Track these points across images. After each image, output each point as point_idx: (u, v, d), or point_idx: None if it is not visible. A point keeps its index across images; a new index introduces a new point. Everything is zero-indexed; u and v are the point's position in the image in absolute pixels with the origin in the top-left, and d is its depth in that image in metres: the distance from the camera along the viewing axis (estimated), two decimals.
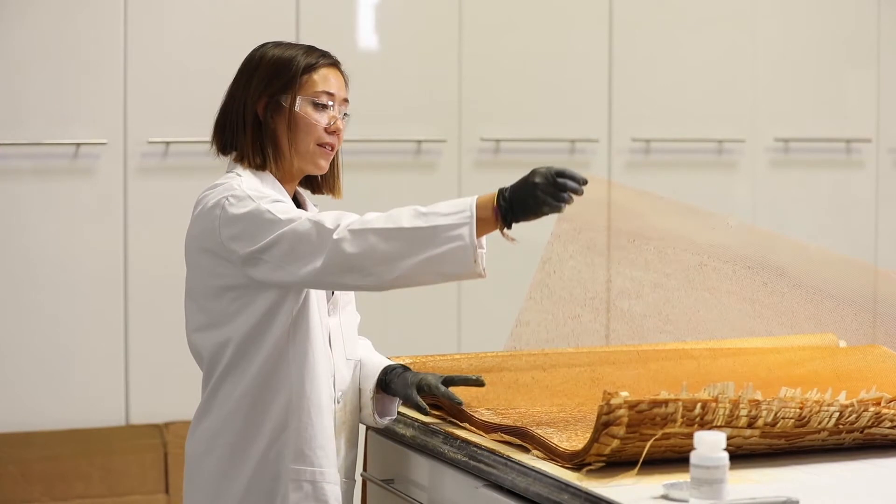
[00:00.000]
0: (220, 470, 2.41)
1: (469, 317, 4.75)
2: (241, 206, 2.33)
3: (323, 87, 2.48)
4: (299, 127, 2.46)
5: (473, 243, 2.19)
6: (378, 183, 4.67)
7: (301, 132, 2.46)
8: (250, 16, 4.50)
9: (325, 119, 2.48)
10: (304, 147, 2.47)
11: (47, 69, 4.30)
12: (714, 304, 2.83)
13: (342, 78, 2.53)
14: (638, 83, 5.04)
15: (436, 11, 4.80)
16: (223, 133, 2.50)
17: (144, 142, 4.41)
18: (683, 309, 2.81)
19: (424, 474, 2.57)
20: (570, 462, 2.17)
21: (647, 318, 2.80)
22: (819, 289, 2.81)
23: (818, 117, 5.31)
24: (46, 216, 4.33)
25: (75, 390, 4.35)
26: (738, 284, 2.83)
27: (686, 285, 2.80)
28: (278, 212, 2.30)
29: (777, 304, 2.81)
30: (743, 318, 2.83)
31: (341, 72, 2.54)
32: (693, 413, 2.11)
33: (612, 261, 2.70)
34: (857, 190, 5.37)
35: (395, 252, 2.21)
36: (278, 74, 2.47)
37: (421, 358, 2.78)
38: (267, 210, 2.30)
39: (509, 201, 2.20)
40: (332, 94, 2.49)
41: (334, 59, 2.54)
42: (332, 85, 2.49)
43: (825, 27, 5.32)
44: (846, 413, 2.24)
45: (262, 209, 2.30)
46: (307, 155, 2.47)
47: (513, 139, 4.86)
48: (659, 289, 2.79)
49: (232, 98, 2.50)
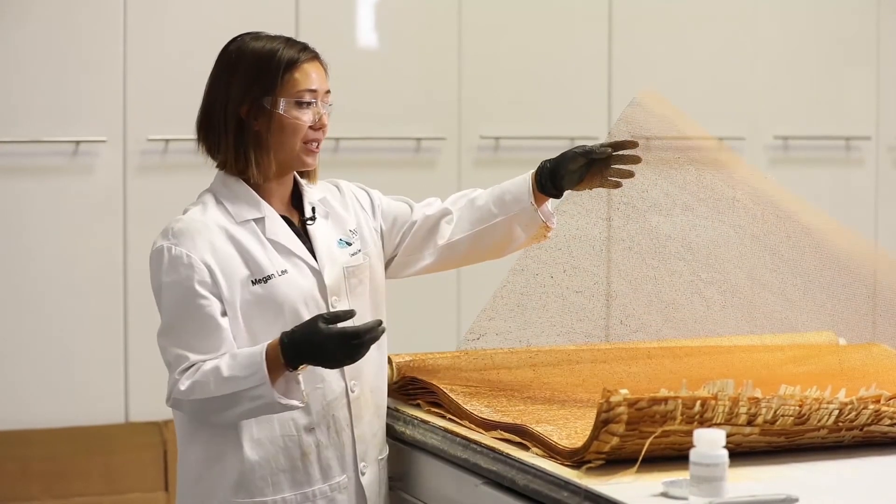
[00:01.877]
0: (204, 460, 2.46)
1: (469, 315, 4.75)
2: (165, 294, 2.40)
3: (305, 86, 2.45)
4: (284, 128, 2.44)
5: (273, 399, 2.30)
6: (378, 181, 4.62)
7: (287, 133, 2.44)
8: (250, 14, 4.49)
9: (310, 117, 2.45)
10: (289, 148, 2.45)
11: (47, 67, 4.30)
12: (736, 243, 2.81)
13: (323, 69, 2.49)
14: (638, 81, 5.03)
15: (435, 10, 4.80)
16: (207, 135, 2.48)
17: (144, 139, 4.41)
18: (706, 241, 2.80)
19: (424, 472, 2.57)
20: (569, 460, 2.17)
21: (671, 241, 2.78)
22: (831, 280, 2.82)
23: (818, 115, 5.31)
24: (46, 214, 4.33)
25: (75, 388, 4.35)
26: (763, 230, 2.81)
27: (714, 216, 2.79)
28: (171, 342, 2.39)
29: (796, 260, 2.79)
30: (760, 267, 2.82)
31: (322, 63, 2.50)
32: (693, 411, 2.10)
33: (654, 169, 2.70)
34: (856, 187, 5.37)
35: (216, 411, 2.35)
36: (259, 75, 2.44)
37: (420, 355, 2.79)
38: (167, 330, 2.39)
39: (298, 352, 2.30)
40: (315, 91, 2.46)
41: (314, 51, 2.50)
42: (315, 81, 2.46)
43: (825, 25, 5.32)
44: (846, 411, 2.24)
45: (170, 325, 2.39)
46: (294, 155, 2.46)
47: (512, 137, 4.86)
48: (688, 212, 2.78)
49: (213, 99, 2.47)
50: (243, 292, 2.39)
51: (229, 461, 2.41)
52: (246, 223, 2.45)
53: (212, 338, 2.36)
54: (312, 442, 2.45)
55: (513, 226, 2.61)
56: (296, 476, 2.44)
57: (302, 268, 2.46)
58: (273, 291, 2.41)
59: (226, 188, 2.47)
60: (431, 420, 2.58)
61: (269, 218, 2.46)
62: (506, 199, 2.62)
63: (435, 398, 2.65)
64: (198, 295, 2.36)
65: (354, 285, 2.52)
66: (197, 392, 2.33)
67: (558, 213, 2.69)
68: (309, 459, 2.45)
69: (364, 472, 2.52)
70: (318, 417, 2.45)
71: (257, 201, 2.46)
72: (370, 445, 2.53)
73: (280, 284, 2.41)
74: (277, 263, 2.43)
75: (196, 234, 2.40)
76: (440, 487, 2.51)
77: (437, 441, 2.50)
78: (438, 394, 2.64)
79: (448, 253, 2.65)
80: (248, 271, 2.40)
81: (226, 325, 2.37)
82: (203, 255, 2.38)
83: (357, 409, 2.50)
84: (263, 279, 2.41)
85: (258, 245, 2.43)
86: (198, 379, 2.33)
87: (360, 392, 2.51)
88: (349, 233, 2.56)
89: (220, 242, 2.41)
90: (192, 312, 2.37)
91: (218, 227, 2.42)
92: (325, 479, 2.47)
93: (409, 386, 2.73)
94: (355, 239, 2.56)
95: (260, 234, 2.44)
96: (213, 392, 2.32)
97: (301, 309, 2.42)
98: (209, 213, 2.44)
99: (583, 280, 2.75)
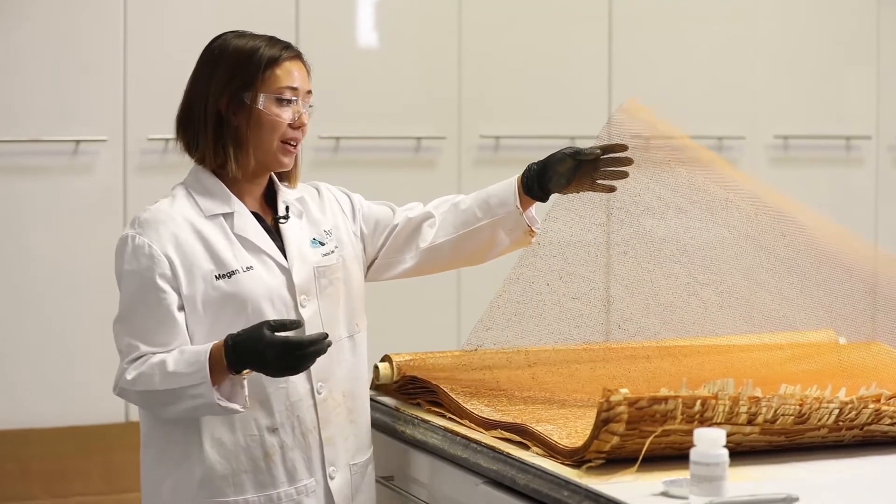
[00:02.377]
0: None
1: (469, 314, 4.74)
2: (125, 283, 2.42)
3: (286, 83, 2.44)
4: (263, 124, 2.43)
5: (213, 400, 2.30)
6: (378, 180, 4.66)
7: (265, 130, 2.43)
8: (250, 13, 4.49)
9: (290, 115, 2.44)
10: (267, 144, 2.44)
11: (47, 66, 4.30)
12: (731, 244, 2.81)
13: (305, 69, 2.49)
14: (638, 80, 5.03)
15: (435, 9, 4.79)
16: (186, 131, 2.48)
17: (144, 139, 4.40)
18: (701, 243, 2.80)
19: (424, 471, 2.57)
20: (570, 459, 2.17)
21: (666, 243, 2.78)
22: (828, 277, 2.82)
23: (818, 114, 5.31)
24: (46, 213, 4.33)
25: (74, 387, 4.35)
26: (757, 229, 2.81)
27: (708, 217, 2.78)
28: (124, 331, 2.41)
29: (792, 258, 2.79)
30: (756, 266, 2.81)
31: (304, 63, 2.50)
32: (693, 410, 2.10)
33: (645, 172, 2.70)
34: (856, 187, 5.37)
35: (159, 405, 2.36)
36: (240, 70, 2.43)
37: (420, 354, 2.78)
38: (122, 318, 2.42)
39: (238, 360, 2.30)
40: (296, 89, 2.45)
41: (297, 50, 2.49)
42: (296, 79, 2.45)
43: (825, 24, 5.32)
44: (846, 410, 2.24)
45: (126, 313, 2.41)
46: (271, 152, 2.45)
47: (512, 136, 4.86)
48: (682, 215, 2.78)
49: (194, 93, 2.47)
50: (206, 287, 2.38)
51: (194, 460, 2.40)
52: (214, 217, 2.43)
53: (165, 331, 2.36)
54: (276, 443, 2.42)
55: (497, 229, 2.59)
56: (259, 477, 2.42)
57: (270, 265, 2.44)
58: (237, 287, 2.39)
59: (198, 182, 2.47)
60: (432, 419, 2.58)
61: (239, 213, 2.44)
62: (490, 202, 2.59)
63: (435, 397, 2.65)
64: (156, 287, 2.36)
65: (325, 286, 2.50)
66: (141, 383, 2.34)
67: (550, 219, 2.68)
68: (273, 460, 2.42)
69: (333, 476, 2.48)
70: (282, 417, 2.42)
71: (228, 196, 2.45)
72: (340, 450, 2.50)
73: (244, 280, 2.40)
74: (243, 259, 2.42)
75: (161, 225, 2.40)
76: (440, 487, 2.51)
77: (438, 440, 2.50)
78: (439, 393, 2.64)
79: (430, 256, 2.63)
80: (212, 266, 2.39)
81: (181, 319, 2.37)
82: (165, 246, 2.38)
83: (325, 411, 2.47)
84: (227, 274, 2.39)
85: (224, 240, 2.42)
86: (144, 371, 2.34)
87: (329, 395, 2.48)
88: (323, 233, 2.54)
89: (185, 235, 2.40)
90: (149, 303, 2.37)
91: (184, 220, 2.42)
92: (291, 482, 2.44)
93: (409, 385, 2.73)
94: (329, 240, 2.54)
95: (228, 229, 2.43)
96: (157, 385, 2.33)
97: (266, 306, 2.40)
98: (177, 205, 2.44)
99: (579, 286, 2.74)
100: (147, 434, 2.47)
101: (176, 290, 2.37)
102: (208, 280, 2.39)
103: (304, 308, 2.45)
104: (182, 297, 2.37)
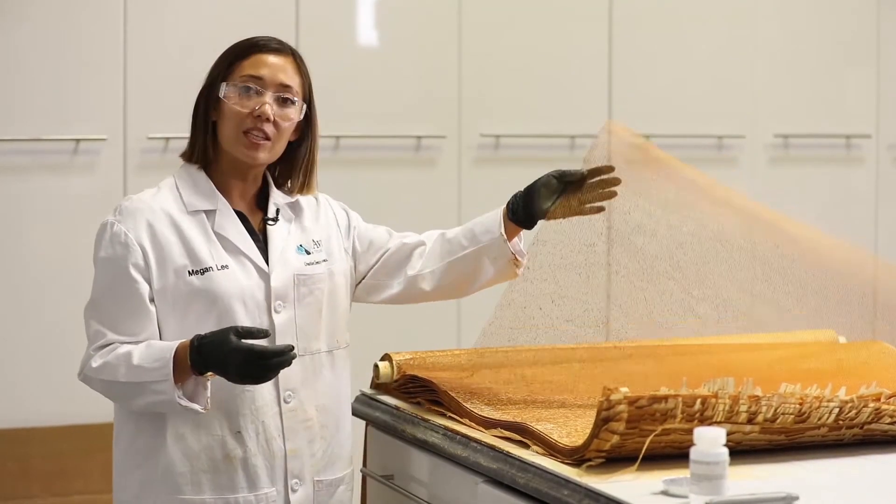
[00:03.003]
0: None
1: (469, 314, 4.75)
2: (99, 269, 2.41)
3: (249, 72, 2.43)
4: (225, 114, 2.43)
5: (173, 397, 2.30)
6: (378, 179, 4.66)
7: (226, 120, 2.43)
8: (250, 12, 4.49)
9: (252, 105, 2.42)
10: (229, 134, 2.43)
11: (47, 65, 4.30)
12: (725, 257, 2.81)
13: (284, 63, 2.46)
14: (638, 79, 5.04)
15: (435, 7, 4.79)
16: (190, 130, 2.51)
17: (144, 137, 4.40)
18: (694, 257, 2.80)
19: (424, 470, 2.57)
20: (569, 458, 2.17)
21: (658, 260, 2.78)
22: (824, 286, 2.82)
23: (818, 113, 5.30)
24: (46, 212, 4.33)
25: (75, 386, 4.32)
26: (750, 241, 2.81)
27: (700, 231, 2.78)
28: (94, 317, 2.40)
29: (787, 268, 2.79)
30: (751, 278, 2.82)
31: (292, 59, 2.47)
32: (693, 409, 2.10)
33: (633, 190, 2.69)
34: (856, 186, 5.37)
35: (122, 397, 2.39)
36: (216, 65, 2.46)
37: (421, 353, 2.78)
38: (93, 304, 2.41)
39: (202, 362, 2.29)
40: (261, 79, 2.43)
41: (282, 47, 2.47)
42: (262, 69, 2.43)
43: (825, 24, 5.31)
44: (846, 409, 2.24)
45: (97, 300, 2.40)
46: (234, 143, 2.43)
47: (513, 135, 4.86)
48: (673, 231, 2.77)
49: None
50: (178, 282, 2.38)
51: (160, 455, 2.40)
52: (196, 213, 2.43)
53: (135, 321, 2.36)
54: (238, 446, 2.40)
55: (481, 258, 2.57)
56: (217, 479, 2.40)
57: (247, 266, 2.43)
58: (209, 284, 2.39)
59: (188, 175, 2.47)
60: (432, 418, 2.57)
61: (221, 212, 2.44)
62: (475, 230, 2.57)
63: (435, 396, 2.64)
64: (129, 276, 2.37)
65: (304, 294, 2.48)
66: (106, 373, 2.35)
67: (539, 242, 2.67)
68: (232, 464, 2.40)
69: (295, 489, 2.46)
70: (246, 421, 2.41)
71: (213, 193, 2.45)
72: (306, 464, 2.47)
73: (217, 278, 2.39)
74: (219, 257, 2.41)
75: (139, 214, 2.41)
76: (440, 485, 2.51)
77: (438, 439, 2.50)
78: (439, 392, 2.63)
79: (415, 284, 2.61)
80: (186, 261, 2.39)
81: (152, 310, 2.37)
82: (141, 236, 2.39)
83: (292, 422, 2.45)
84: (201, 271, 2.39)
85: (202, 237, 2.42)
86: (109, 360, 2.35)
87: (299, 406, 2.46)
88: (312, 242, 2.53)
89: (162, 227, 2.40)
90: (121, 292, 2.37)
91: (164, 213, 2.42)
92: (252, 489, 2.42)
93: (409, 384, 2.73)
94: (318, 250, 2.53)
95: (208, 226, 2.43)
96: (121, 377, 2.34)
97: (237, 306, 2.39)
98: (160, 197, 2.45)
99: (572, 308, 2.74)
100: (118, 427, 2.47)
101: (147, 280, 2.37)
102: (181, 274, 2.38)
103: (277, 313, 2.43)
104: (153, 289, 2.37)
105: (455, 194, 4.79)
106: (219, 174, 2.47)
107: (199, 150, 2.46)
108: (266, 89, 2.43)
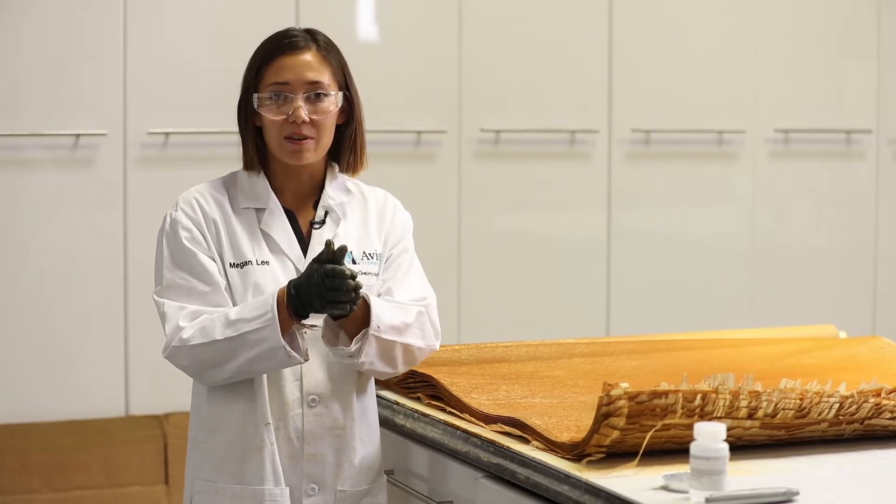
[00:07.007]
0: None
1: (469, 314, 4.74)
2: (164, 253, 2.42)
3: (275, 79, 2.42)
4: (264, 123, 2.45)
5: (279, 342, 2.29)
6: (378, 174, 4.61)
7: (266, 128, 2.45)
8: (250, 6, 4.49)
9: (284, 111, 2.42)
10: (273, 142, 2.45)
11: (47, 60, 4.29)
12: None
13: (309, 60, 2.44)
14: (638, 74, 5.03)
15: (436, 2, 4.79)
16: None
17: (144, 132, 4.40)
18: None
19: (424, 465, 2.57)
20: (570, 453, 2.17)
21: None
22: None
23: (818, 108, 5.30)
24: (46, 207, 4.32)
25: (75, 381, 4.35)
26: None
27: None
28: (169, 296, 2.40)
29: None
30: None
31: (311, 52, 2.45)
32: (693, 404, 2.10)
33: None
34: (857, 181, 5.37)
35: (216, 361, 2.34)
36: (247, 74, 2.47)
37: None
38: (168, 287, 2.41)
39: (297, 299, 2.29)
40: (286, 84, 2.42)
41: (300, 42, 2.45)
42: (287, 73, 2.42)
43: (825, 18, 5.31)
44: (846, 404, 2.24)
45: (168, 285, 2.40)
46: (278, 149, 2.44)
47: (513, 130, 4.85)
48: None
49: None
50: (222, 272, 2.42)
51: (210, 440, 2.42)
52: (245, 210, 2.46)
53: (214, 291, 2.39)
54: (267, 439, 2.39)
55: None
56: (247, 468, 2.39)
57: (287, 265, 2.44)
58: (246, 277, 2.41)
59: (244, 173, 2.49)
60: (432, 413, 2.58)
61: (270, 210, 2.46)
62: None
63: (435, 391, 2.65)
64: (194, 254, 2.40)
65: None
66: (200, 336, 2.34)
67: None
68: (262, 456, 2.39)
69: (311, 494, 2.43)
70: (274, 416, 2.40)
71: (266, 193, 2.46)
72: (327, 472, 2.43)
73: (255, 272, 2.41)
74: (261, 254, 2.43)
75: (195, 204, 2.45)
76: (440, 481, 2.51)
77: (438, 434, 2.50)
78: (439, 387, 2.63)
79: None
80: (230, 254, 2.42)
81: (224, 282, 2.40)
82: (200, 222, 2.43)
83: (315, 426, 2.42)
84: (241, 264, 2.42)
85: (248, 233, 2.44)
86: (203, 324, 2.35)
87: (325, 411, 2.42)
88: (364, 254, 2.48)
89: (215, 217, 2.44)
90: (193, 268, 2.40)
91: (217, 205, 2.46)
92: (277, 483, 2.40)
93: (409, 379, 2.73)
94: (368, 262, 2.48)
95: (255, 223, 2.45)
96: (218, 335, 2.32)
97: None
98: (212, 192, 2.48)
99: None
100: (195, 404, 2.48)
101: (212, 258, 2.42)
102: (224, 266, 2.42)
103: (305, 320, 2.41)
104: (217, 263, 2.42)
105: (455, 189, 4.78)
106: (273, 175, 2.49)
107: (250, 158, 2.47)
108: (295, 93, 2.42)
